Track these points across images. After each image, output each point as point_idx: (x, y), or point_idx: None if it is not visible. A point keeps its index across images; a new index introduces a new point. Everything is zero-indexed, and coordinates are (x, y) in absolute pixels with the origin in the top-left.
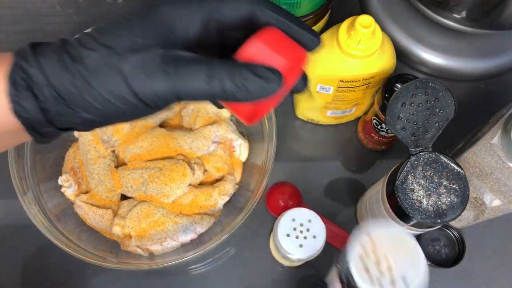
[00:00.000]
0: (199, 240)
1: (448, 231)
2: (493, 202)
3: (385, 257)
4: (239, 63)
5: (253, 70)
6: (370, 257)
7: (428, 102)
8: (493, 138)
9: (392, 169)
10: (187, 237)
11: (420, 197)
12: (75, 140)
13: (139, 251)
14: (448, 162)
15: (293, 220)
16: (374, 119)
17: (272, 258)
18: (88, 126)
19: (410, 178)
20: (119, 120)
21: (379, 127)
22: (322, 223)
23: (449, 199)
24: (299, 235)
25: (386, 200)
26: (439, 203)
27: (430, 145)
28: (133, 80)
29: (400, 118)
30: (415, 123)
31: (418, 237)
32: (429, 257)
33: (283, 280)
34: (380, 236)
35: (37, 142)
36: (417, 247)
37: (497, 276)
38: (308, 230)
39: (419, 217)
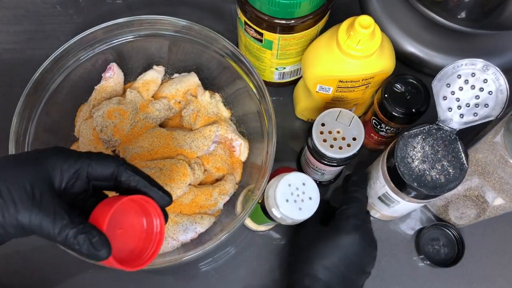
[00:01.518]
0: (199, 239)
1: (448, 231)
2: (496, 200)
3: (336, 129)
4: (84, 228)
5: (89, 238)
6: (325, 131)
7: (482, 90)
8: (496, 137)
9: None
10: (187, 237)
11: (415, 156)
12: (76, 140)
13: None
14: (460, 150)
15: (289, 185)
16: (373, 119)
17: (272, 258)
18: None
19: (419, 138)
20: None
21: (378, 127)
22: (315, 184)
23: (436, 177)
24: (296, 199)
25: (386, 156)
26: (427, 172)
27: (457, 129)
28: (7, 211)
29: (449, 87)
30: (458, 99)
31: (418, 237)
32: (428, 256)
33: (283, 279)
34: (327, 117)
35: None
36: (355, 116)
37: (496, 276)
38: (303, 192)
39: (402, 167)
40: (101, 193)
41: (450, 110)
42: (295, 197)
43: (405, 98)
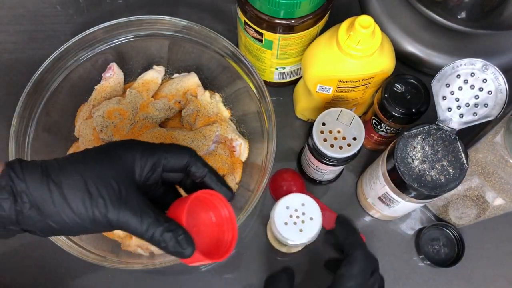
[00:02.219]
0: None
1: (448, 231)
2: (496, 200)
3: (336, 129)
4: (170, 226)
5: (175, 236)
6: (325, 131)
7: (482, 89)
8: (496, 137)
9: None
10: None
11: (415, 156)
12: (76, 140)
13: (140, 250)
14: (460, 150)
15: (287, 207)
16: (373, 119)
17: (272, 258)
18: (48, 233)
19: (419, 138)
20: (78, 232)
21: (378, 127)
22: (316, 203)
23: (436, 177)
24: (296, 220)
25: (386, 157)
26: (427, 172)
27: (456, 129)
28: (97, 208)
29: (449, 87)
30: (457, 99)
31: (418, 237)
32: (428, 256)
33: None
34: (328, 116)
35: None
36: (356, 116)
37: (496, 276)
38: (303, 213)
39: (402, 168)
40: (169, 184)
41: (449, 110)
42: (294, 219)
43: (405, 98)
